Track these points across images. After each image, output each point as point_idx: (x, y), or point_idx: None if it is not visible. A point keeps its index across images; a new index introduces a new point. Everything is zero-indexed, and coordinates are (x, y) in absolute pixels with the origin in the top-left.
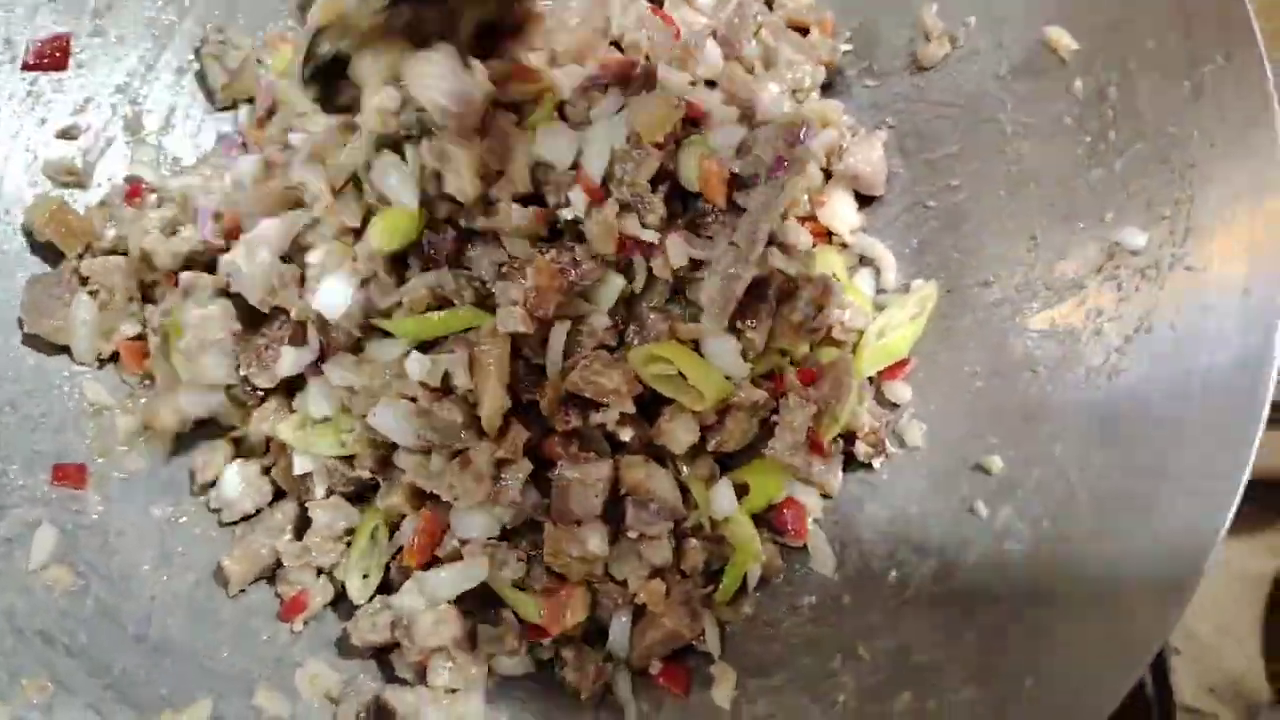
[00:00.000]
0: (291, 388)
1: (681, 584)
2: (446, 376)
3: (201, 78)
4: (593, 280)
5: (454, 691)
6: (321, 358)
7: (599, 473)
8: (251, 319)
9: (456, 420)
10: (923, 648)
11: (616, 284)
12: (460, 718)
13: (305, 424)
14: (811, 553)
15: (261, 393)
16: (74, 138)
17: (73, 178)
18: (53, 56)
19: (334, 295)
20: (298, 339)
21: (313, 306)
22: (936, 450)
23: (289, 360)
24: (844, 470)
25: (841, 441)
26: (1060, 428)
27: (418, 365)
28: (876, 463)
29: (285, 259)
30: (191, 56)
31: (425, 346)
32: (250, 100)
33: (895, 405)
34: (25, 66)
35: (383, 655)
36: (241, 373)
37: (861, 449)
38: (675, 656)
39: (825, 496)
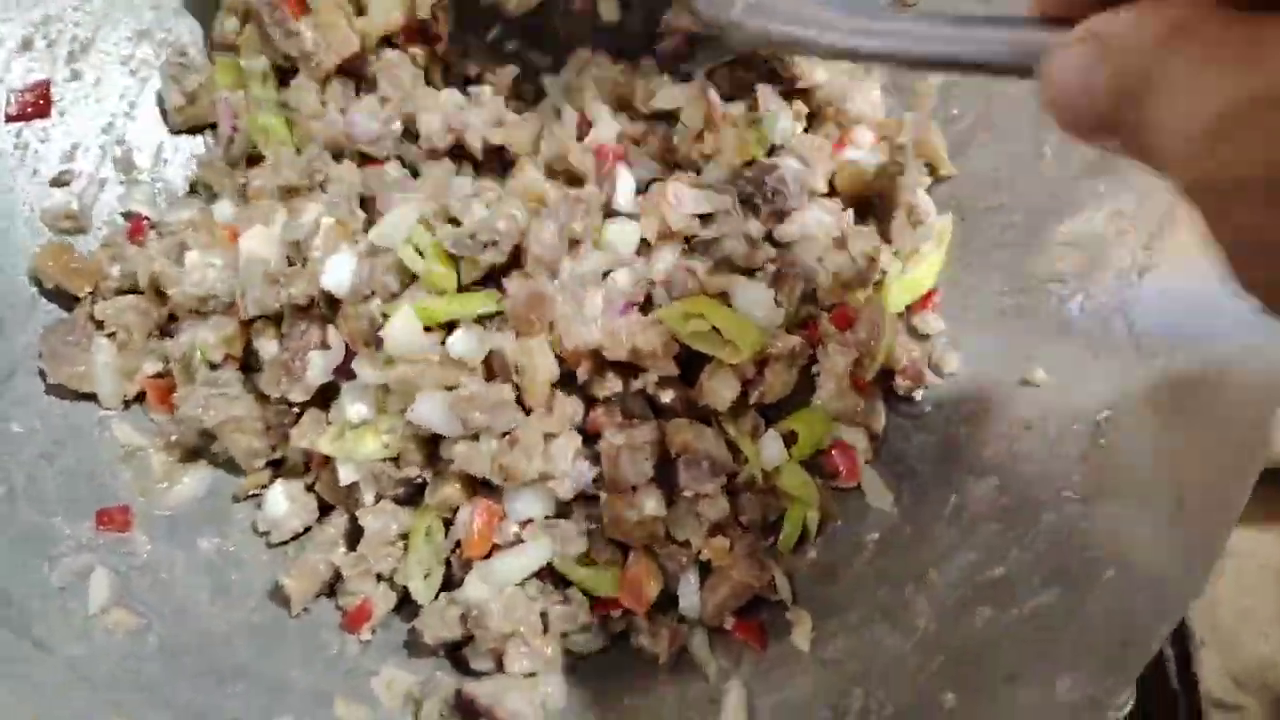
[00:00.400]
0: (326, 400)
1: (743, 537)
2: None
3: (160, 99)
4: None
5: (533, 675)
6: (348, 360)
7: (646, 436)
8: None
9: (508, 399)
10: (993, 561)
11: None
12: (544, 700)
13: (344, 432)
14: (866, 490)
15: (297, 409)
16: (67, 184)
17: (72, 223)
18: (35, 105)
19: (340, 268)
20: (324, 343)
21: (321, 287)
22: (975, 374)
23: (318, 366)
24: (886, 406)
25: (881, 378)
26: (1097, 336)
27: (463, 344)
28: (917, 394)
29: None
30: None
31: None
32: (212, 126)
33: (927, 336)
34: (9, 119)
35: (456, 651)
36: (275, 394)
37: (901, 384)
38: (747, 610)
39: (871, 436)
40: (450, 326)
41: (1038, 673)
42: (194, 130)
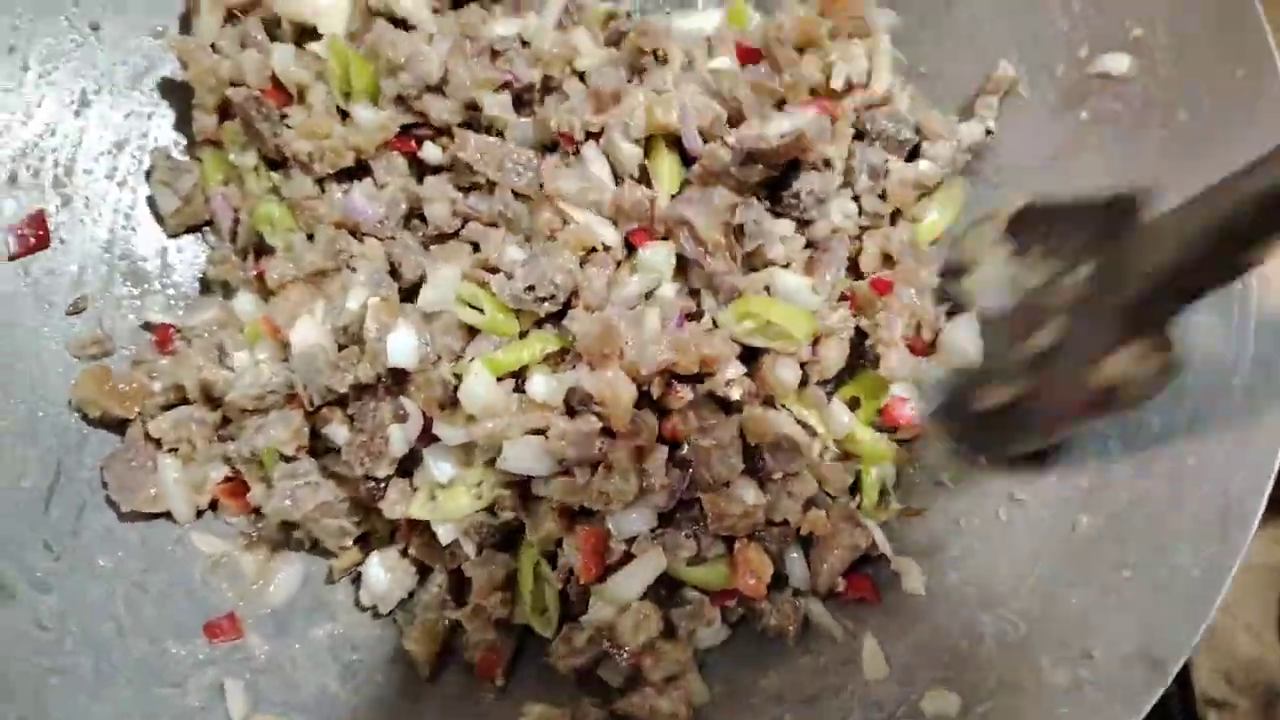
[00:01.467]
0: (406, 468)
1: (835, 505)
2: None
3: (153, 205)
4: None
5: (673, 678)
6: (426, 425)
7: (728, 432)
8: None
9: (594, 429)
10: (1079, 473)
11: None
12: (690, 698)
13: (433, 494)
14: (932, 435)
15: (381, 483)
16: (83, 309)
17: (98, 348)
18: (36, 238)
19: (403, 344)
20: (400, 416)
21: (387, 364)
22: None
23: (399, 439)
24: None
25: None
26: None
27: (543, 387)
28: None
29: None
30: None
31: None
32: (208, 224)
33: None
34: (13, 257)
35: (589, 674)
36: (358, 473)
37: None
38: (854, 571)
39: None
40: (518, 372)
41: (1157, 557)
42: (191, 230)
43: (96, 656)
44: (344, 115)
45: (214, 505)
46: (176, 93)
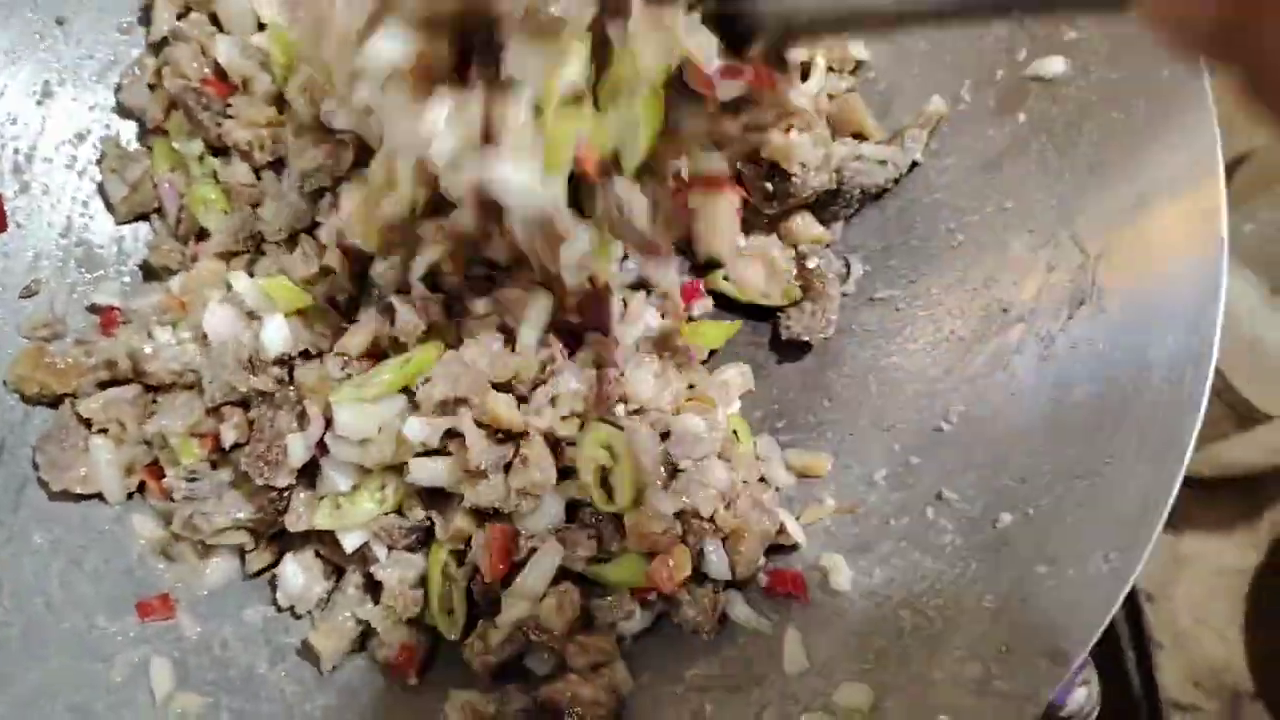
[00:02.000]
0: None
1: (746, 490)
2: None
3: (103, 193)
4: None
5: (598, 667)
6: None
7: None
8: None
9: (495, 445)
10: (1005, 471)
11: None
12: (613, 687)
13: (336, 503)
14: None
15: (284, 492)
16: (36, 293)
17: (48, 330)
18: None
19: (275, 334)
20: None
21: (265, 355)
22: None
23: (297, 447)
24: None
25: None
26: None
27: (419, 431)
28: None
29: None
30: None
31: None
32: (157, 210)
33: None
34: None
35: (506, 669)
36: (259, 483)
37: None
38: (780, 565)
39: None
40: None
41: (1071, 556)
42: (141, 217)
43: (25, 627)
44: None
45: (142, 488)
46: None
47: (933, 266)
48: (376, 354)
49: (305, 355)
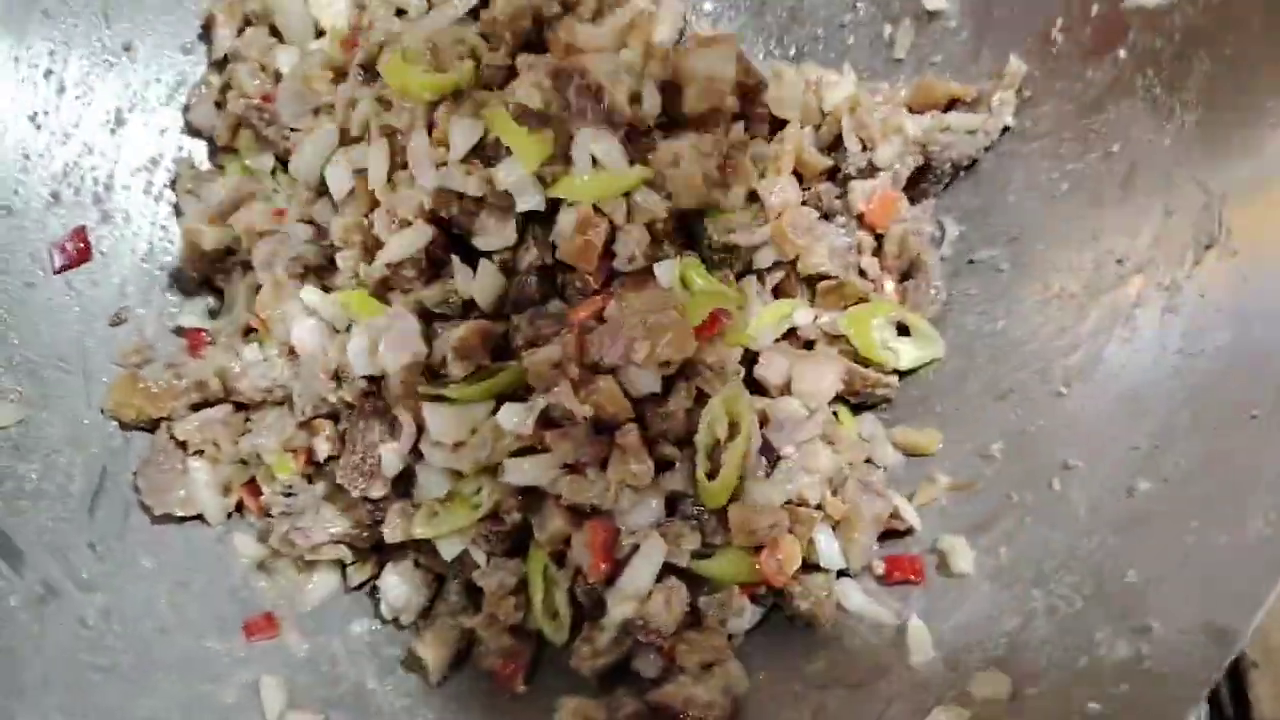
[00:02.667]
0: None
1: (853, 473)
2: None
3: (180, 214)
4: None
5: (709, 666)
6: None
7: None
8: None
9: (585, 436)
10: (1136, 433)
11: None
12: (728, 687)
13: (433, 510)
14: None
15: (380, 503)
16: (124, 320)
17: (140, 356)
18: (79, 251)
19: (359, 345)
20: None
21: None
22: None
23: (391, 457)
24: None
25: None
26: None
27: (513, 418)
28: None
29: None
30: None
31: None
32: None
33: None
34: (58, 271)
35: (614, 673)
36: (357, 494)
37: None
38: (895, 550)
39: None
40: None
41: (1221, 521)
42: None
43: (138, 653)
44: None
45: (240, 507)
46: None
47: (1035, 221)
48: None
49: None
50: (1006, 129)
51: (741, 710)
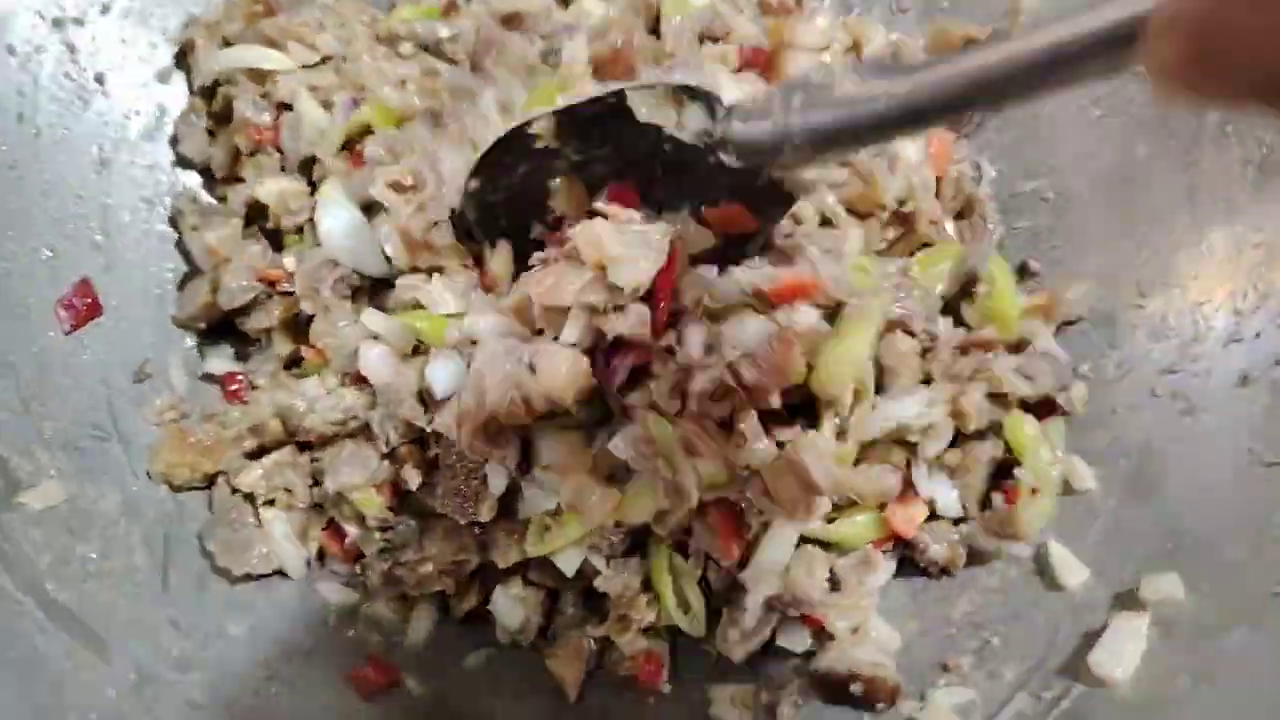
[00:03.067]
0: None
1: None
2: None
3: (185, 253)
4: None
5: (858, 629)
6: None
7: None
8: None
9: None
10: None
11: None
12: (882, 644)
13: (544, 525)
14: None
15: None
16: (149, 375)
17: (175, 410)
18: (87, 307)
19: (441, 371)
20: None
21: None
22: None
23: (498, 475)
24: None
25: None
26: None
27: (621, 447)
28: None
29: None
30: None
31: None
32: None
33: None
34: (70, 331)
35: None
36: (464, 520)
37: None
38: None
39: None
40: None
41: None
42: None
43: None
44: None
45: (321, 554)
46: None
47: (1072, 148)
48: None
49: None
50: None
51: (906, 663)
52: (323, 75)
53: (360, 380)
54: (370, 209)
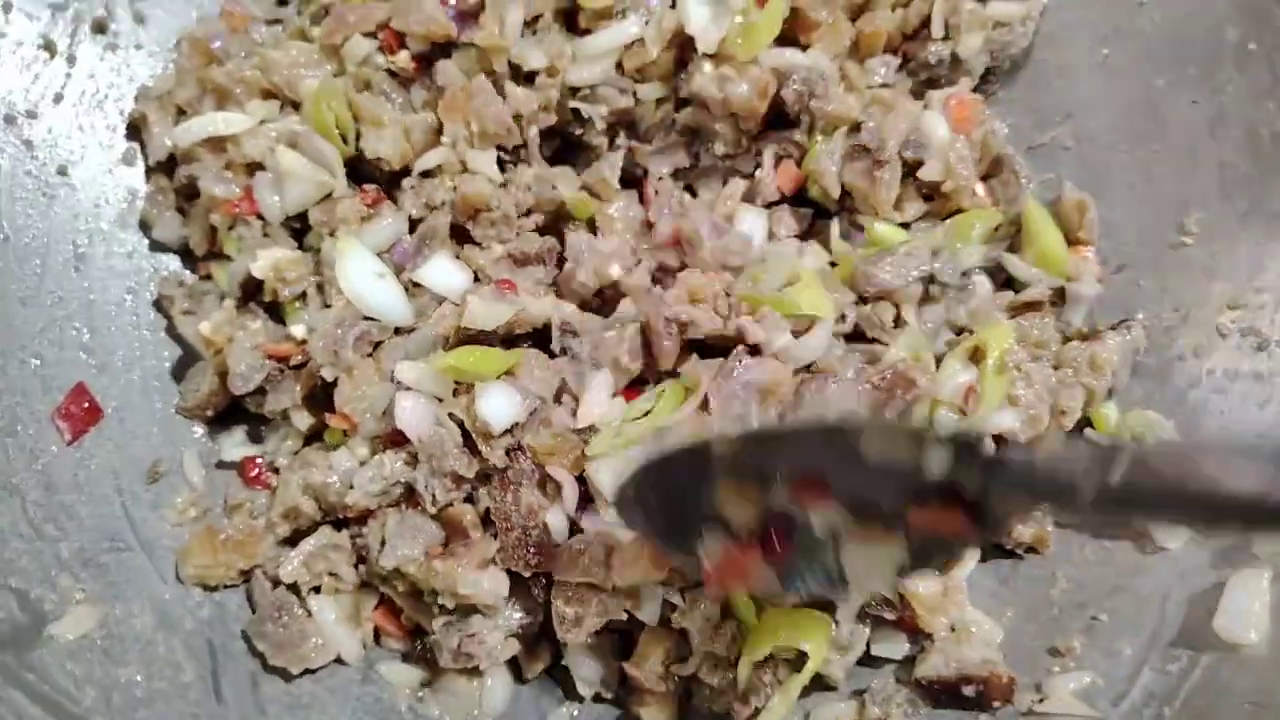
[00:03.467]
0: None
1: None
2: None
3: (178, 338)
4: None
5: (955, 628)
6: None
7: None
8: None
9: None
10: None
11: None
12: (986, 639)
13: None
14: None
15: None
16: (163, 473)
17: (197, 508)
18: (85, 413)
19: (495, 403)
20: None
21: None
22: None
23: (558, 520)
24: None
25: None
26: None
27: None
28: None
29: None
30: None
31: None
32: None
33: None
34: (71, 441)
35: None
36: (529, 573)
37: None
38: None
39: None
40: None
41: None
42: None
43: None
44: None
45: (376, 634)
46: None
47: (1087, 93)
48: None
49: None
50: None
51: (1012, 653)
52: (288, 121)
53: (394, 442)
54: None
